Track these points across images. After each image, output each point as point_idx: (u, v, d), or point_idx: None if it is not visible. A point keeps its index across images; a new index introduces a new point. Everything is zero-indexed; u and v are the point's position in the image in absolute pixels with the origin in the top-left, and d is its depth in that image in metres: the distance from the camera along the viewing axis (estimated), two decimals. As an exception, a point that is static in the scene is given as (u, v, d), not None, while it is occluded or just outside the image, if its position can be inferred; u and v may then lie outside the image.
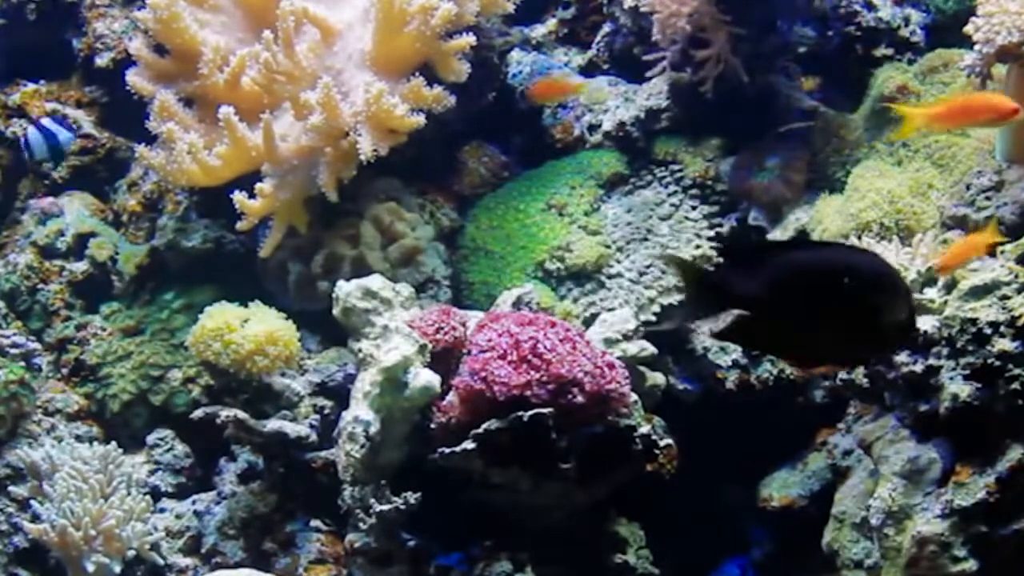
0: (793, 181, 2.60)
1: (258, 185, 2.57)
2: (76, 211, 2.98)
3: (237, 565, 2.40)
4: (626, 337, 2.41)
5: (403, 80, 2.55)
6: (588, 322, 2.53)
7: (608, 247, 2.67)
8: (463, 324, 2.32)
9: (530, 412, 2.13)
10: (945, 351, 1.96)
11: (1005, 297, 1.90)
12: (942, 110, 2.06)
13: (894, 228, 2.34)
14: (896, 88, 2.54)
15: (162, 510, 2.54)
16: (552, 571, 2.26)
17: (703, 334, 2.63)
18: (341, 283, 2.30)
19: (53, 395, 2.67)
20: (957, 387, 1.92)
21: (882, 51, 2.70)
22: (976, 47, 2.09)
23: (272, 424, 2.42)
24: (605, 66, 3.02)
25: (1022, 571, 1.90)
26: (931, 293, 2.07)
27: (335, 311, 2.30)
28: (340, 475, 2.27)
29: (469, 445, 2.15)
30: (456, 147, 2.91)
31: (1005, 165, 2.20)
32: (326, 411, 2.52)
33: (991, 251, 2.05)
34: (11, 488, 2.46)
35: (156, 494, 2.55)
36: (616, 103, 2.85)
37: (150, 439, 2.63)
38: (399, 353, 2.21)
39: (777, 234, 2.59)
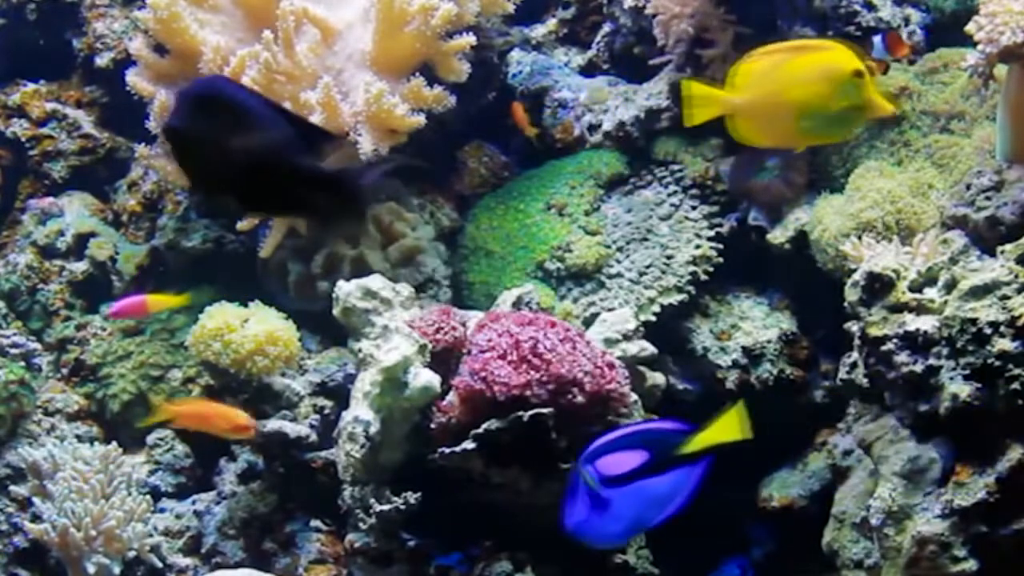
0: (793, 181, 2.60)
1: (258, 185, 2.57)
2: (76, 211, 2.98)
3: (237, 565, 2.40)
4: (626, 337, 2.41)
5: (403, 80, 2.55)
6: (588, 322, 2.53)
7: (608, 247, 2.67)
8: (463, 324, 2.32)
9: (530, 412, 2.13)
10: (945, 351, 1.96)
11: (1005, 297, 1.90)
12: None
13: (895, 228, 2.34)
14: (897, 88, 2.54)
15: (162, 510, 2.54)
16: (552, 571, 2.26)
17: (703, 334, 2.63)
18: (341, 283, 2.30)
19: (53, 395, 2.67)
20: (957, 387, 1.92)
21: (882, 51, 2.69)
22: (979, 47, 2.08)
23: (272, 424, 2.42)
24: (605, 66, 3.02)
25: (1022, 571, 1.90)
26: (931, 293, 2.07)
27: (335, 311, 2.30)
28: (340, 475, 2.27)
29: (469, 445, 2.15)
30: (456, 147, 2.92)
31: (1005, 165, 2.20)
32: (326, 411, 2.52)
33: None
34: (11, 488, 2.46)
35: (156, 494, 2.56)
36: (616, 103, 2.85)
37: (150, 439, 2.63)
38: (399, 353, 2.21)
39: (777, 234, 2.59)
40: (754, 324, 2.62)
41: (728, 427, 1.72)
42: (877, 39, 2.43)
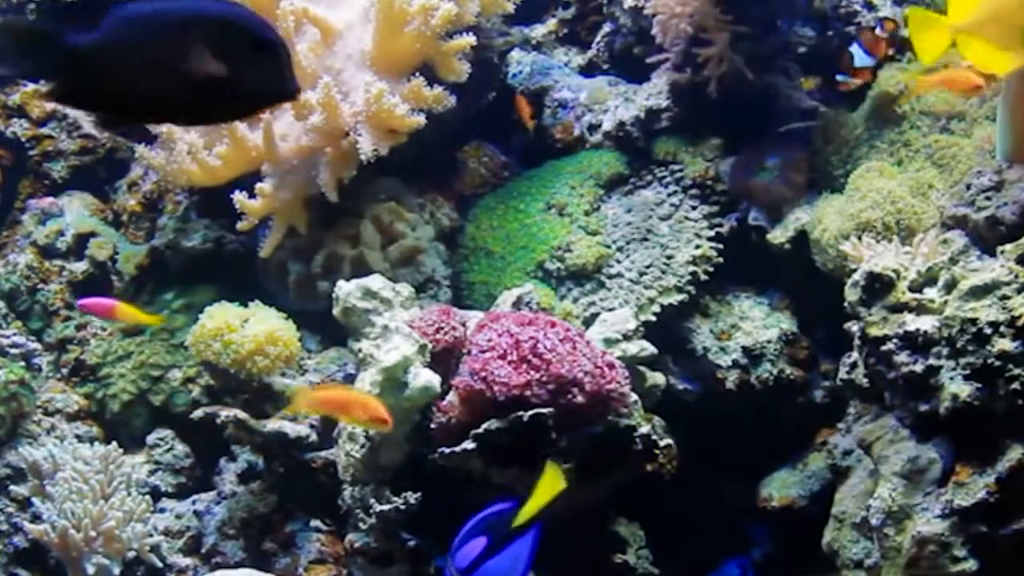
0: (793, 181, 2.60)
1: (258, 185, 2.57)
2: (76, 211, 2.98)
3: (237, 565, 2.40)
4: (626, 337, 2.41)
5: (403, 80, 2.55)
6: (588, 322, 2.53)
7: (608, 247, 2.67)
8: (463, 324, 2.32)
9: (530, 412, 2.13)
10: (945, 351, 1.96)
11: (1005, 297, 1.90)
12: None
13: (895, 228, 2.34)
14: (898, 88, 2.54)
15: (162, 510, 2.54)
16: (551, 571, 2.26)
17: (703, 334, 2.63)
18: (341, 283, 2.30)
19: (53, 395, 2.67)
20: (957, 387, 1.92)
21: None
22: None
23: (272, 424, 2.42)
24: (605, 66, 3.02)
25: (1022, 571, 1.90)
26: (931, 293, 2.07)
27: (335, 311, 2.30)
28: (340, 475, 2.27)
29: (469, 445, 2.15)
30: (456, 147, 2.91)
31: (1005, 165, 2.20)
32: (326, 411, 2.53)
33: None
34: (11, 488, 2.46)
35: (156, 494, 2.55)
36: (616, 103, 2.85)
37: (150, 439, 2.63)
38: (399, 353, 2.21)
39: (777, 234, 2.59)
40: (754, 324, 2.62)
41: (549, 487, 1.80)
42: (855, 48, 2.43)
